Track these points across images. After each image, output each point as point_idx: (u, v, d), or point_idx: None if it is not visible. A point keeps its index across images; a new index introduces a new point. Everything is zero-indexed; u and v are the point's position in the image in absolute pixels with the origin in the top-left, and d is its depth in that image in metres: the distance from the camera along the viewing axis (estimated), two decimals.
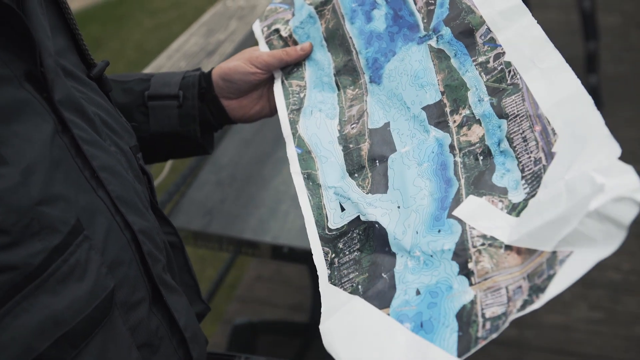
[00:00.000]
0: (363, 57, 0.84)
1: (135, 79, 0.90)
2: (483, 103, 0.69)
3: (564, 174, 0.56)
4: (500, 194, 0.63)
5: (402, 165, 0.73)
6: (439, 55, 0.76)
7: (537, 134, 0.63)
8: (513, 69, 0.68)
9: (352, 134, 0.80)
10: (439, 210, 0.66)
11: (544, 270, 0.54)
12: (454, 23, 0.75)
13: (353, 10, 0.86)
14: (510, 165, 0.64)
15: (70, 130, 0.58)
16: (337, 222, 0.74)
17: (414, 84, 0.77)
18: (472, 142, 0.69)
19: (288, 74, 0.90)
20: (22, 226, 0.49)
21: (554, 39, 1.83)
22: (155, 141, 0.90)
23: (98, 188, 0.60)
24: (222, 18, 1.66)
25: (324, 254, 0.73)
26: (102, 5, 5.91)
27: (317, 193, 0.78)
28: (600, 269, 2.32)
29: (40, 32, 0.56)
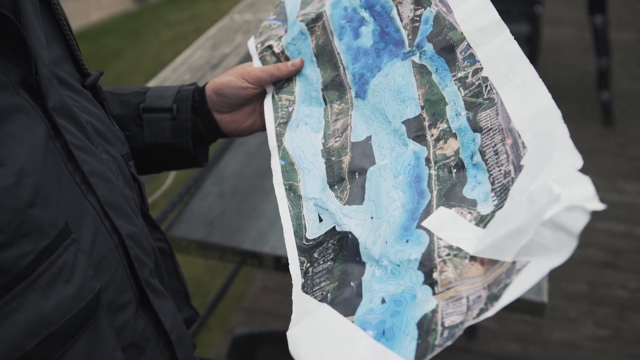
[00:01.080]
0: (350, 73, 0.86)
1: (132, 91, 0.92)
2: (460, 117, 0.70)
3: (529, 186, 0.57)
4: (469, 206, 0.64)
5: (379, 177, 0.74)
6: (421, 71, 0.77)
7: (508, 147, 0.63)
8: (490, 83, 0.69)
9: (335, 147, 0.81)
10: (409, 220, 0.67)
11: (502, 279, 0.54)
12: (436, 39, 0.76)
13: (342, 27, 0.87)
14: (482, 178, 0.65)
15: (63, 136, 0.59)
16: (315, 233, 0.75)
17: (396, 99, 0.78)
18: (447, 155, 0.70)
19: (279, 89, 0.92)
20: (14, 227, 0.51)
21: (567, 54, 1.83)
22: (149, 152, 0.92)
23: (88, 193, 0.62)
24: (228, 32, 1.68)
25: (300, 263, 0.74)
26: (121, 17, 5.99)
27: (298, 204, 0.79)
28: (608, 286, 2.32)
29: (35, 42, 0.59)
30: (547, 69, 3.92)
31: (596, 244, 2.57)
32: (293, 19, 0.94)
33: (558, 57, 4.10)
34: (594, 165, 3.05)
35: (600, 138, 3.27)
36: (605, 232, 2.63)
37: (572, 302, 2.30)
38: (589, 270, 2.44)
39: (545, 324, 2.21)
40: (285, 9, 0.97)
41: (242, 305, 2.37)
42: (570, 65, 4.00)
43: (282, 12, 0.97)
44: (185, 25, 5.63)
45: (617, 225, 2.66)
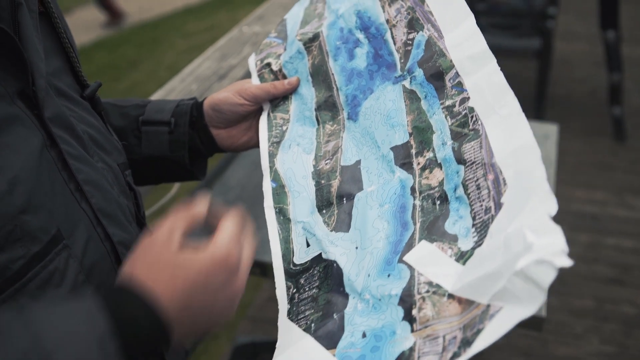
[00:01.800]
0: (343, 94, 0.86)
1: (133, 104, 0.94)
2: (446, 147, 0.70)
3: (507, 227, 0.57)
4: (450, 241, 0.64)
5: (366, 205, 0.74)
6: (411, 96, 0.77)
7: (490, 182, 0.63)
8: (475, 114, 0.69)
9: (325, 169, 0.82)
10: (391, 254, 0.67)
11: (476, 323, 0.54)
12: (426, 65, 0.76)
13: (337, 48, 0.88)
14: (464, 212, 0.65)
15: (58, 145, 0.61)
16: (302, 258, 0.75)
17: (385, 124, 0.78)
18: (432, 185, 0.70)
19: (275, 107, 0.93)
20: (5, 232, 0.53)
21: (580, 69, 1.84)
22: (146, 164, 0.93)
23: (81, 200, 0.63)
24: (236, 43, 1.70)
25: (287, 288, 0.74)
26: (138, 28, 6.06)
27: (287, 227, 0.79)
28: (615, 302, 2.30)
29: (33, 55, 0.60)
30: (559, 84, 3.92)
31: (604, 259, 2.56)
32: (292, 37, 0.95)
33: (570, 72, 4.10)
34: (604, 180, 3.04)
35: (611, 153, 3.25)
36: (614, 247, 2.62)
37: (578, 318, 2.29)
38: (595, 285, 2.43)
39: (550, 339, 2.20)
40: (286, 27, 0.98)
41: (248, 314, 2.38)
42: (583, 79, 3.99)
43: (283, 30, 0.98)
44: (202, 35, 5.68)
45: (626, 241, 2.64)
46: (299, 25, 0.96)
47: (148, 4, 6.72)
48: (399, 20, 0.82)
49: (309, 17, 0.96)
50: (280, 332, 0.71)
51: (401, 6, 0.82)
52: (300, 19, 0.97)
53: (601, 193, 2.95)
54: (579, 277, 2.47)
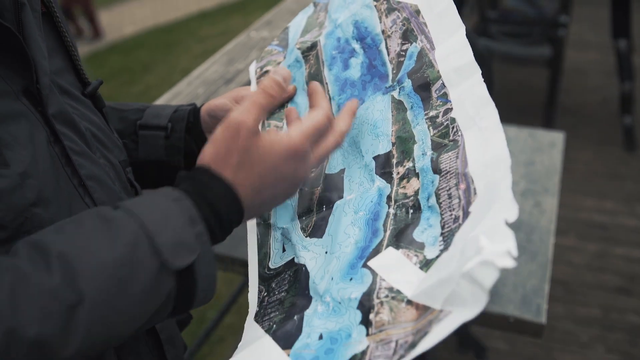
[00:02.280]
0: (335, 103, 0.86)
1: (132, 108, 0.96)
2: (425, 157, 0.71)
3: (468, 234, 0.57)
4: (417, 249, 0.64)
5: (342, 212, 0.74)
6: (398, 107, 0.77)
7: (461, 192, 0.63)
8: (457, 125, 0.69)
9: (310, 178, 0.82)
10: (357, 258, 0.68)
11: (425, 327, 0.55)
12: (415, 76, 0.77)
13: (332, 57, 0.88)
14: (434, 221, 0.65)
15: (61, 142, 0.63)
16: (277, 263, 0.76)
17: (371, 133, 0.79)
18: (408, 195, 0.70)
19: (270, 115, 0.93)
20: (17, 224, 0.55)
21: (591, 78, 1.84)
22: (143, 168, 0.94)
23: (85, 195, 0.65)
24: (244, 48, 1.71)
25: (259, 291, 0.75)
26: (153, 31, 6.12)
27: (266, 232, 0.79)
28: (621, 312, 2.30)
29: (37, 53, 0.62)
30: (571, 92, 3.91)
31: (612, 268, 2.55)
32: (292, 46, 0.95)
33: (582, 81, 4.08)
34: (614, 189, 3.03)
35: (621, 163, 3.24)
36: (622, 257, 2.60)
37: (584, 326, 2.29)
38: (602, 294, 2.42)
39: (555, 347, 2.19)
40: (288, 35, 0.98)
41: None
42: (594, 88, 3.98)
43: (284, 38, 0.99)
44: (216, 39, 5.72)
45: (635, 251, 2.63)
46: (300, 34, 0.97)
47: (163, 8, 6.78)
48: (394, 31, 0.82)
49: (311, 25, 0.97)
50: (244, 334, 0.71)
51: (397, 17, 0.83)
52: (302, 27, 0.97)
53: (611, 202, 2.94)
54: (585, 285, 2.46)
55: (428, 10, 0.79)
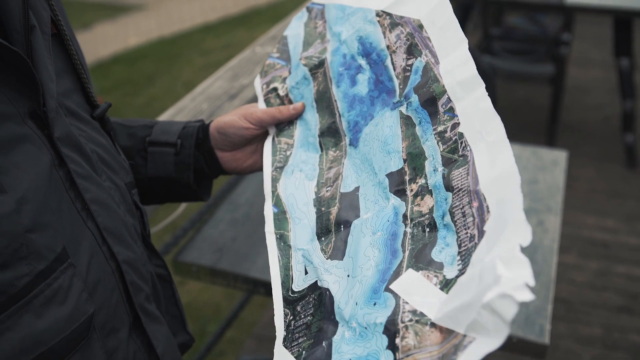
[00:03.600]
0: (345, 120, 0.87)
1: (141, 124, 0.96)
2: (437, 173, 0.71)
3: (485, 256, 0.57)
4: (436, 269, 0.65)
5: (360, 233, 0.75)
6: (407, 122, 0.78)
7: (475, 210, 0.64)
8: (465, 140, 0.69)
9: (326, 197, 0.82)
10: (379, 282, 0.68)
11: (451, 354, 0.55)
12: (421, 91, 0.77)
13: (340, 74, 0.89)
14: (450, 240, 0.66)
15: (66, 165, 0.63)
16: (300, 285, 0.76)
17: (382, 150, 0.79)
18: (423, 212, 0.70)
19: (280, 131, 0.94)
20: (11, 250, 0.54)
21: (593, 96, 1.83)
22: (152, 184, 0.95)
23: (88, 219, 0.65)
24: (248, 63, 1.72)
25: (284, 315, 0.75)
26: (156, 43, 6.13)
27: (287, 254, 0.79)
28: (623, 331, 2.28)
29: (44, 76, 0.62)
30: (572, 110, 3.91)
31: (614, 287, 2.54)
32: (296, 60, 0.95)
33: (584, 98, 4.09)
34: (616, 207, 3.02)
35: (623, 181, 3.24)
36: (624, 275, 2.59)
37: (586, 346, 2.27)
38: (604, 313, 2.41)
39: None
40: (288, 47, 0.98)
41: (253, 332, 2.39)
42: (596, 106, 3.98)
43: (285, 50, 0.99)
44: (219, 53, 5.73)
45: (637, 270, 2.62)
46: (302, 46, 0.97)
47: (167, 20, 6.80)
48: (399, 46, 0.83)
49: (311, 37, 0.97)
50: (275, 358, 0.72)
51: (401, 32, 0.83)
52: (302, 38, 0.97)
53: (612, 220, 2.93)
54: (588, 304, 2.45)
55: (431, 25, 0.80)
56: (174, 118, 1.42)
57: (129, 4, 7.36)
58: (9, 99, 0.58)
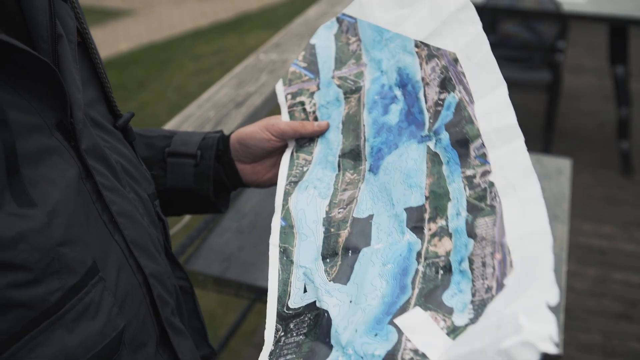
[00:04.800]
0: (369, 145, 0.85)
1: (159, 134, 0.94)
2: (459, 218, 0.69)
3: (503, 309, 0.55)
4: (445, 313, 0.62)
5: (369, 262, 0.73)
6: (434, 159, 0.76)
7: (497, 262, 0.62)
8: (495, 190, 0.67)
9: (337, 218, 0.80)
10: (383, 314, 0.66)
11: None
12: (453, 130, 0.74)
13: (374, 102, 0.87)
14: (464, 287, 0.64)
15: (93, 177, 0.61)
16: (297, 303, 0.74)
17: (404, 182, 0.77)
18: (439, 254, 0.68)
19: (300, 147, 0.92)
20: (43, 265, 0.53)
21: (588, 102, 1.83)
22: (170, 196, 0.93)
23: (114, 232, 0.63)
24: (253, 70, 1.71)
25: (275, 330, 0.73)
26: (147, 48, 6.10)
27: (288, 269, 0.78)
28: (623, 338, 2.29)
29: (72, 86, 0.61)
30: (567, 117, 3.93)
31: (612, 294, 2.55)
32: (327, 77, 0.93)
33: (578, 105, 4.12)
34: (612, 214, 3.04)
35: (618, 187, 3.26)
36: (621, 282, 2.60)
37: (586, 353, 2.28)
38: (603, 321, 2.42)
39: None
40: (317, 59, 0.96)
41: (253, 341, 2.37)
42: (591, 113, 4.01)
43: (313, 62, 0.96)
44: (210, 58, 5.72)
45: (634, 276, 2.63)
46: (333, 62, 0.94)
47: (157, 26, 6.78)
48: (433, 78, 0.80)
49: (344, 54, 0.94)
50: None
51: (436, 64, 0.81)
52: (334, 53, 0.95)
53: (609, 227, 2.94)
54: (587, 312, 2.46)
55: (466, 60, 0.77)
56: (181, 126, 1.40)
57: (118, 9, 7.32)
58: (37, 110, 0.57)
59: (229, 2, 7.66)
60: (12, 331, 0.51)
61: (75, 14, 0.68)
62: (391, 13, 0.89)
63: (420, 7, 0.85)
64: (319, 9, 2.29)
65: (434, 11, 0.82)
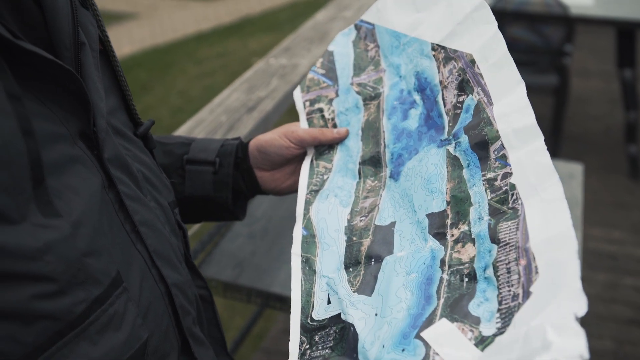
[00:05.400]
0: (389, 151, 0.84)
1: (177, 142, 0.94)
2: (482, 222, 0.67)
3: (531, 320, 0.54)
4: (472, 323, 0.61)
5: (392, 271, 0.72)
6: (454, 163, 0.74)
7: (522, 268, 0.60)
8: (516, 192, 0.65)
9: (359, 226, 0.79)
10: (409, 327, 0.65)
11: None
12: (472, 132, 0.73)
13: (393, 107, 0.86)
14: (490, 295, 0.62)
15: (116, 187, 0.61)
16: (321, 314, 0.73)
17: (425, 188, 0.76)
18: (463, 261, 0.67)
19: (319, 154, 0.91)
20: (69, 276, 0.51)
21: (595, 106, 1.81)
22: (188, 203, 0.92)
23: (137, 242, 0.63)
24: (264, 75, 1.70)
25: (300, 342, 0.72)
26: (150, 52, 6.10)
27: (311, 279, 0.77)
28: (634, 344, 2.27)
29: (95, 95, 0.60)
30: (574, 120, 3.92)
31: (622, 300, 2.53)
32: (346, 84, 0.92)
33: (585, 109, 4.10)
34: (621, 219, 3.02)
35: (627, 192, 3.24)
36: (632, 287, 2.59)
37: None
38: (615, 326, 2.40)
39: None
40: (335, 66, 0.95)
41: (262, 346, 2.35)
42: (598, 116, 4.00)
43: (332, 69, 0.95)
44: (213, 61, 5.72)
45: None
46: (352, 69, 0.94)
47: (161, 29, 6.78)
48: (450, 81, 0.79)
49: (363, 60, 0.93)
50: None
51: (453, 66, 0.79)
52: (352, 60, 0.94)
53: (619, 232, 2.93)
54: (597, 317, 2.44)
55: (483, 61, 0.75)
56: (193, 130, 1.40)
57: (122, 12, 7.33)
58: (61, 119, 0.56)
59: (231, 5, 7.66)
60: (37, 343, 0.50)
61: (97, 22, 0.67)
62: (408, 17, 0.88)
63: (435, 9, 0.84)
64: (327, 13, 2.28)
65: (449, 13, 0.82)
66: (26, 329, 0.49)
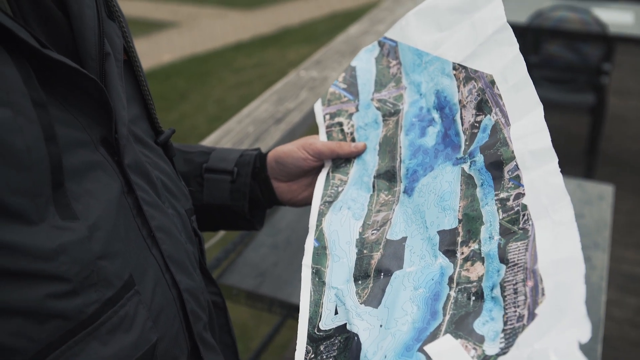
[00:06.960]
0: (405, 167, 0.85)
1: (198, 151, 0.96)
2: (492, 241, 0.67)
3: (535, 342, 0.54)
4: (476, 341, 0.61)
5: (400, 285, 0.72)
6: (468, 182, 0.75)
7: (528, 289, 0.60)
8: (528, 213, 0.65)
9: (371, 240, 0.80)
10: (413, 340, 0.65)
11: None
12: (488, 152, 0.74)
13: (412, 124, 0.87)
14: (496, 315, 0.62)
15: (135, 192, 0.63)
16: (328, 325, 0.74)
17: (438, 205, 0.76)
18: (471, 279, 0.67)
19: (336, 167, 0.92)
20: (82, 277, 0.53)
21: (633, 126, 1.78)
22: (206, 211, 0.94)
23: (152, 246, 0.64)
24: (294, 87, 1.71)
25: (306, 352, 0.73)
26: (188, 60, 6.20)
27: (320, 290, 0.78)
28: None
29: (117, 103, 0.62)
30: (611, 140, 3.86)
31: (630, 320, 2.48)
32: (367, 100, 0.94)
33: (623, 128, 4.03)
34: None
35: None
36: None
37: None
38: (623, 346, 2.34)
39: None
40: (357, 81, 0.96)
41: (285, 356, 2.36)
42: (636, 137, 3.92)
43: (353, 84, 0.97)
44: (250, 71, 5.77)
45: None
46: (373, 85, 0.95)
47: (200, 38, 6.88)
48: (469, 100, 0.80)
49: (384, 77, 0.94)
50: None
51: (473, 86, 0.80)
52: (374, 76, 0.95)
53: None
54: (627, 342, 2.39)
55: (503, 82, 0.76)
56: (220, 141, 1.42)
57: (163, 21, 7.47)
58: (83, 125, 0.58)
59: (270, 16, 7.74)
60: (49, 341, 0.52)
61: (122, 33, 0.70)
62: (431, 36, 0.89)
63: (458, 29, 0.85)
64: (360, 27, 2.30)
65: (472, 33, 0.82)
66: (39, 327, 0.51)
